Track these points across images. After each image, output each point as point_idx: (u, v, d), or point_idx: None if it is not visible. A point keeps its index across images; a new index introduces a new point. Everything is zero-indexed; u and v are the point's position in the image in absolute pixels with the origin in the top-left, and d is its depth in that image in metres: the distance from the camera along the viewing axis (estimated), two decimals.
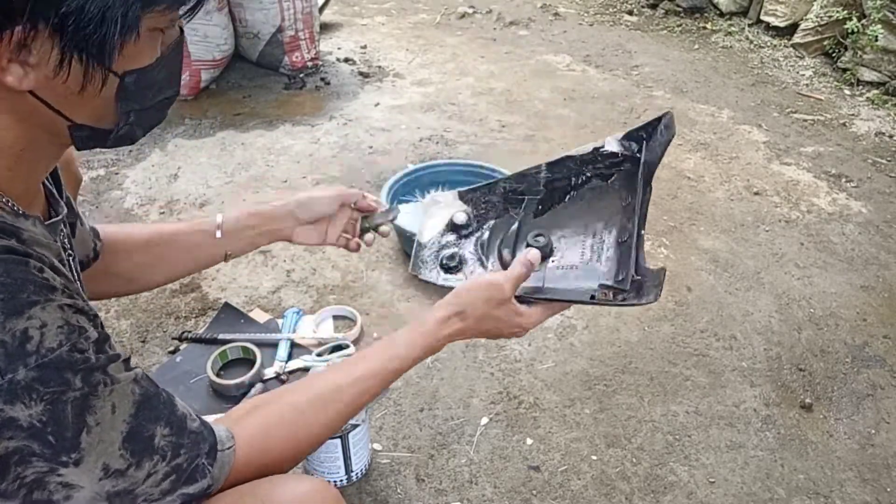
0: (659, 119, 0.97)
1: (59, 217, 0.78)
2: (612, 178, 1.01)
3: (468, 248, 1.06)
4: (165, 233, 1.10)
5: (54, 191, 0.82)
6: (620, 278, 0.90)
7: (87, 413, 0.63)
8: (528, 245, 0.99)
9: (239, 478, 0.77)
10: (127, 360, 0.68)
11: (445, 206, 1.08)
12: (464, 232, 1.08)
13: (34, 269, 0.62)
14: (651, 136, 0.98)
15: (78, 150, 0.73)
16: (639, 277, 0.89)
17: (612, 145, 0.99)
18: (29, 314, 0.59)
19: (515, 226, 1.05)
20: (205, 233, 1.10)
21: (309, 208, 1.15)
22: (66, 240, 0.82)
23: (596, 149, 1.01)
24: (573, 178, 1.04)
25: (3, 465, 0.60)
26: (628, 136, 1.00)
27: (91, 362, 0.63)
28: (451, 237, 1.07)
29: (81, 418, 0.62)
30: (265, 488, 0.77)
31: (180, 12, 0.67)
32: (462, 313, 0.93)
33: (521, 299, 0.94)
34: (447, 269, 1.05)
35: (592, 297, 0.89)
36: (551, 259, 0.96)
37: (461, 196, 1.10)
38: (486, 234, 1.07)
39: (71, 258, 0.83)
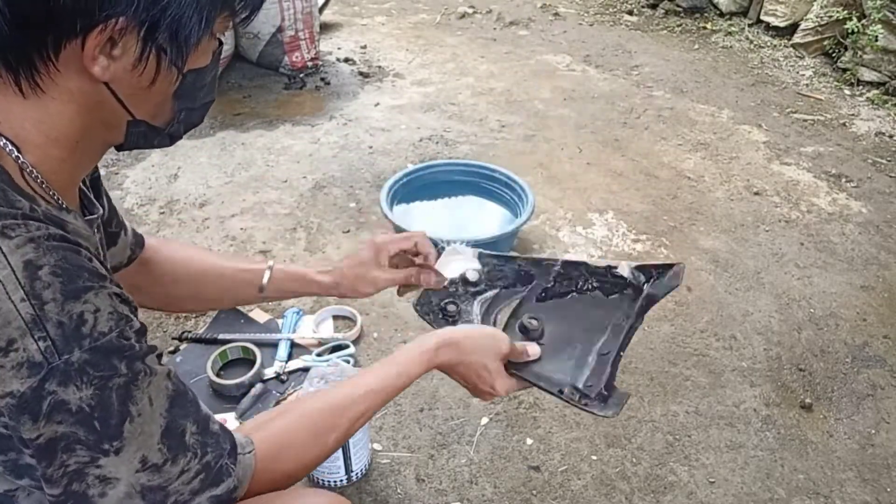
0: (671, 265, 1.06)
1: (95, 216, 0.80)
2: (614, 296, 1.10)
3: (470, 304, 1.13)
4: (210, 272, 1.11)
5: (89, 193, 0.84)
6: (589, 384, 0.99)
7: (129, 402, 0.63)
8: (523, 323, 1.07)
9: (258, 485, 0.77)
10: (160, 355, 0.70)
11: (463, 260, 1.15)
12: (472, 289, 1.14)
13: (85, 257, 0.64)
14: (660, 276, 1.07)
15: (123, 149, 0.76)
16: (605, 393, 0.98)
17: (623, 270, 1.08)
18: (85, 298, 0.61)
19: (517, 301, 1.14)
20: (249, 284, 1.12)
21: (354, 287, 1.13)
22: (98, 238, 0.84)
23: (609, 267, 1.10)
24: (580, 282, 1.13)
25: (51, 449, 0.61)
26: (640, 268, 1.08)
27: (135, 350, 0.65)
28: (460, 290, 1.14)
29: (125, 406, 0.63)
30: (284, 501, 0.79)
31: (237, 19, 0.71)
32: (461, 348, 0.96)
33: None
34: (445, 316, 1.11)
35: (561, 391, 0.96)
36: (540, 342, 1.04)
37: (480, 256, 1.17)
38: (490, 298, 1.15)
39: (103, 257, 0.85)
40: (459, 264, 1.14)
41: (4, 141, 0.65)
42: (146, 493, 0.66)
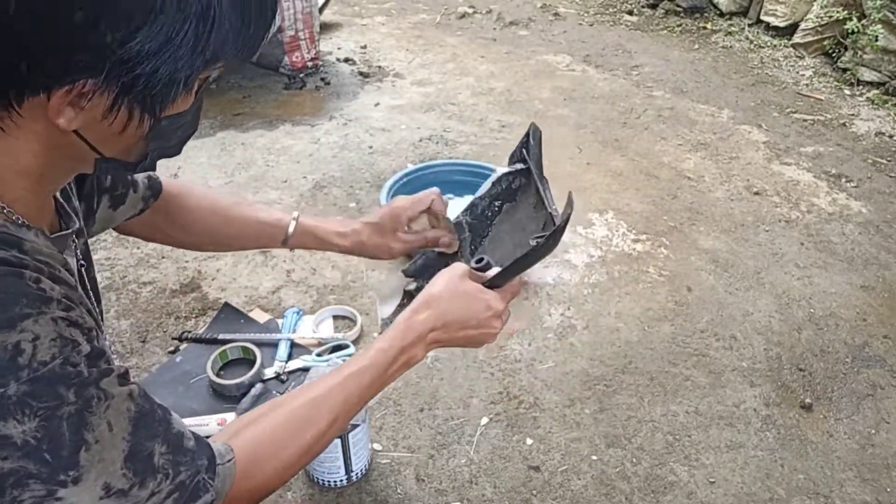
0: (527, 133, 1.11)
1: (69, 231, 0.78)
2: (517, 194, 1.14)
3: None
4: (234, 222, 1.14)
5: (65, 204, 0.81)
6: (545, 223, 1.01)
7: (83, 430, 0.60)
8: (473, 269, 1.03)
9: (241, 491, 0.76)
10: (122, 375, 0.66)
11: (397, 287, 1.16)
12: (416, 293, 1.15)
13: (30, 279, 0.61)
14: (527, 145, 1.11)
15: (98, 174, 0.75)
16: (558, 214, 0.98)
17: (502, 170, 1.12)
18: (21, 327, 0.58)
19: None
20: (272, 237, 1.15)
21: (372, 254, 1.16)
22: (77, 251, 0.82)
23: (493, 181, 1.14)
24: (488, 212, 1.16)
25: None
26: (511, 158, 1.12)
27: (84, 376, 0.61)
28: (406, 301, 1.16)
29: (79, 435, 0.60)
30: None
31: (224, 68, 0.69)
32: (428, 301, 0.91)
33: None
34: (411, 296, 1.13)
35: (537, 245, 0.92)
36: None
37: (406, 273, 1.18)
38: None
39: (84, 269, 0.83)
40: (396, 290, 1.16)
41: None
42: None
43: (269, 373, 1.68)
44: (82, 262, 0.84)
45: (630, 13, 4.45)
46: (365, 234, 1.13)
